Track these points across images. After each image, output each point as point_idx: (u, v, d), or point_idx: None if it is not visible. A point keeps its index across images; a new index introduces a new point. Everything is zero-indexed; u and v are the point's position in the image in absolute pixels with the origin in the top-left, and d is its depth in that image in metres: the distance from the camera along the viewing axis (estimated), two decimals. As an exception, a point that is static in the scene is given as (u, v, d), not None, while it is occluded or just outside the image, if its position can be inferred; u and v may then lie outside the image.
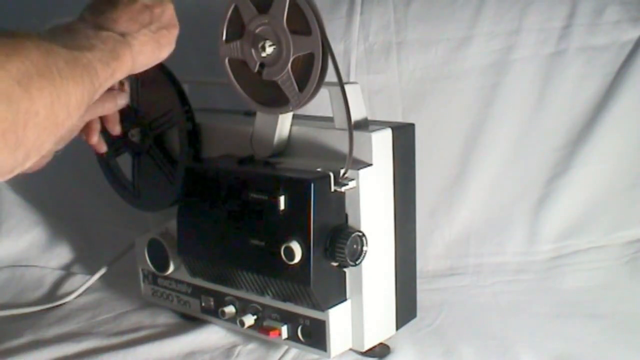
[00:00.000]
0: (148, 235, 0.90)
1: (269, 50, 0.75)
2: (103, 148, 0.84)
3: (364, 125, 0.79)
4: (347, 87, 0.74)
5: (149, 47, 0.69)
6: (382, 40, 1.08)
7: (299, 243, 0.72)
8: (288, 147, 0.82)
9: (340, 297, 0.77)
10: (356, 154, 0.75)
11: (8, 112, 0.50)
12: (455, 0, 1.08)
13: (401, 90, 1.07)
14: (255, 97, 0.79)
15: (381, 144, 0.77)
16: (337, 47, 1.06)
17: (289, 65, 0.75)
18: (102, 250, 1.07)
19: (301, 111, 0.78)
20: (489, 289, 0.99)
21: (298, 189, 0.72)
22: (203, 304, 0.87)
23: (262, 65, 0.77)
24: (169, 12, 0.72)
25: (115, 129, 0.83)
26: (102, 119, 0.83)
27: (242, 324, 0.81)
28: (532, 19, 1.06)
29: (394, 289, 0.81)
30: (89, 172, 1.02)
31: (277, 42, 0.75)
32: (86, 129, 0.81)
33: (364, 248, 0.75)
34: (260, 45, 0.75)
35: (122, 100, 0.80)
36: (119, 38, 0.65)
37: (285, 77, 0.75)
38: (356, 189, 0.74)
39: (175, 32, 0.73)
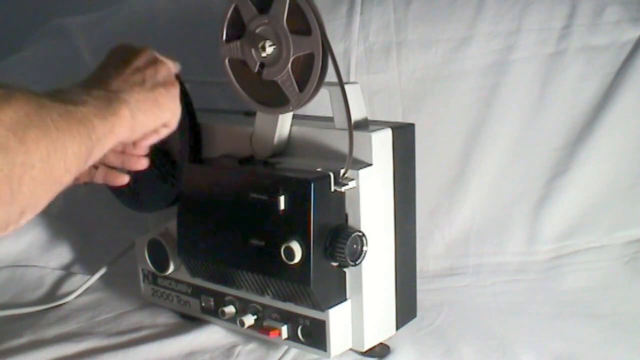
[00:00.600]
0: (148, 235, 0.90)
1: (269, 50, 0.75)
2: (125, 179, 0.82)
3: (364, 125, 0.79)
4: (347, 87, 0.74)
5: (147, 105, 0.66)
6: (382, 40, 1.08)
7: (299, 243, 0.72)
8: (288, 147, 0.82)
9: (340, 297, 0.77)
10: (356, 154, 0.75)
11: (3, 164, 0.47)
12: (455, 0, 1.08)
13: (401, 90, 1.07)
14: (255, 97, 0.79)
15: (381, 144, 0.77)
16: (337, 47, 1.06)
17: (289, 65, 0.75)
18: (102, 250, 1.06)
19: (301, 111, 0.78)
20: (489, 289, 0.99)
21: (298, 189, 0.72)
22: (203, 304, 0.87)
23: (262, 65, 0.77)
24: (163, 72, 0.70)
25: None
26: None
27: (242, 324, 0.81)
28: (532, 19, 1.06)
29: (394, 289, 0.81)
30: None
31: (277, 42, 0.75)
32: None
33: (364, 248, 0.75)
34: (260, 45, 0.75)
35: (123, 179, 0.78)
36: (112, 95, 0.62)
37: (285, 77, 0.75)
38: (356, 189, 0.74)
39: (174, 92, 0.70)
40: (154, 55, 0.72)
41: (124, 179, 0.81)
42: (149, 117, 0.66)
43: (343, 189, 0.73)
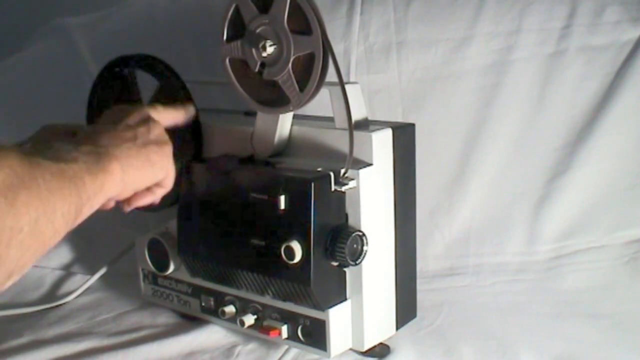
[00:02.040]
0: (148, 235, 0.90)
1: (270, 50, 0.75)
2: None
3: (364, 125, 0.79)
4: (347, 87, 0.74)
5: (139, 162, 0.64)
6: (382, 40, 1.08)
7: (299, 243, 0.72)
8: (288, 147, 0.82)
9: (340, 297, 0.77)
10: (356, 153, 0.75)
11: None
12: (455, 0, 1.08)
13: (401, 90, 1.07)
14: (256, 97, 0.79)
15: (381, 144, 0.77)
16: (337, 47, 1.06)
17: (290, 65, 0.75)
18: (102, 250, 1.06)
19: (301, 111, 0.78)
20: (489, 289, 0.99)
21: (298, 188, 0.72)
22: (203, 304, 0.87)
23: (262, 65, 0.77)
24: (156, 131, 0.69)
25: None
26: None
27: (242, 323, 0.81)
28: (532, 19, 1.06)
29: (394, 289, 0.81)
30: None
31: (277, 42, 0.75)
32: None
33: (364, 248, 0.75)
34: (260, 45, 0.75)
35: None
36: (102, 150, 0.61)
37: (285, 76, 0.75)
38: (356, 188, 0.74)
39: (167, 150, 0.69)
40: (147, 114, 0.71)
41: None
42: (140, 173, 0.65)
43: (343, 188, 0.73)
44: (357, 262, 0.75)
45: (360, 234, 0.74)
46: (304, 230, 0.71)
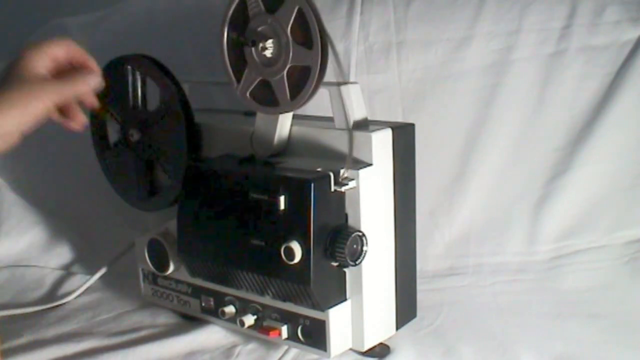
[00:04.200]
0: (148, 235, 0.90)
1: (269, 50, 0.75)
2: (84, 120, 0.78)
3: (364, 125, 0.79)
4: (347, 87, 0.74)
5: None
6: (382, 40, 1.08)
7: (299, 243, 0.72)
8: (288, 147, 0.82)
9: (340, 297, 0.77)
10: (356, 153, 0.75)
11: None
12: (455, 0, 1.08)
13: (401, 90, 1.07)
14: (255, 97, 0.79)
15: (381, 144, 0.77)
16: (337, 47, 1.06)
17: (285, 71, 0.75)
18: (102, 250, 1.06)
19: (301, 111, 0.78)
20: (489, 289, 0.99)
21: (298, 189, 0.72)
22: (203, 304, 0.87)
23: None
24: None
25: (94, 102, 0.78)
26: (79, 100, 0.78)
27: (242, 324, 0.81)
28: (532, 19, 1.06)
29: (394, 289, 0.81)
30: (88, 172, 1.02)
31: (277, 45, 0.75)
32: (66, 120, 0.77)
33: (364, 248, 0.75)
34: (260, 44, 0.75)
35: (94, 80, 0.75)
36: None
37: (279, 81, 0.75)
38: (356, 189, 0.74)
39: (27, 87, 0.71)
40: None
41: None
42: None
43: (343, 189, 0.73)
44: (357, 262, 0.75)
45: (360, 234, 0.74)
46: (303, 230, 0.71)
